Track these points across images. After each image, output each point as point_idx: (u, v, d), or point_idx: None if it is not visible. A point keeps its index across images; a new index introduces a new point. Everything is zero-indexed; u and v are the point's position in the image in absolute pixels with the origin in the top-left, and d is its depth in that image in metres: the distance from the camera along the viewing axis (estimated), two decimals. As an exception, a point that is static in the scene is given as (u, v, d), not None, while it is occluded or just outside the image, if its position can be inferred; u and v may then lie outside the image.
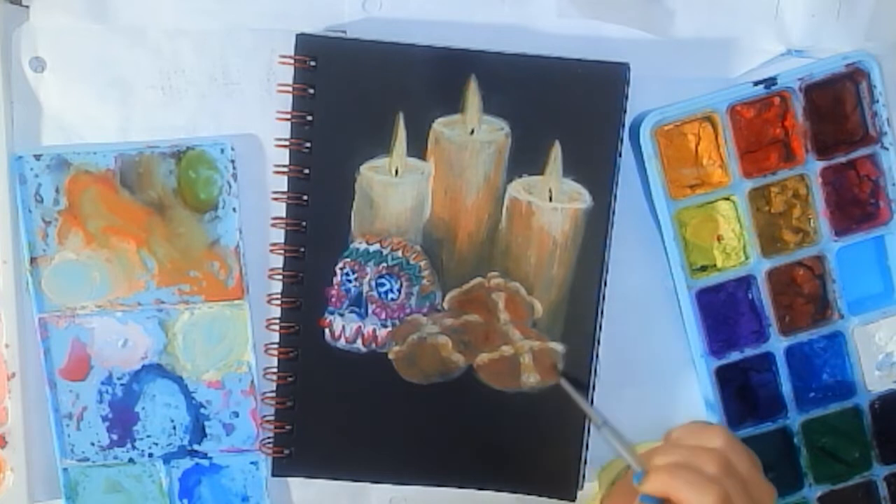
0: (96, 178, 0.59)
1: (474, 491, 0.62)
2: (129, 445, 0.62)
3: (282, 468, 0.62)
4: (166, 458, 0.62)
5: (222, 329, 0.61)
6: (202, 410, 0.62)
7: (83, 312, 0.60)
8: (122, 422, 0.62)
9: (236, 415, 0.62)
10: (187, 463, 0.62)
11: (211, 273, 0.60)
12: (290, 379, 0.61)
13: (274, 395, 0.61)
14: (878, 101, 0.60)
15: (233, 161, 0.60)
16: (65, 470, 0.62)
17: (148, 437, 0.62)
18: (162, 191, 0.60)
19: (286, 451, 0.61)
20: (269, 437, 0.61)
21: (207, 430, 0.62)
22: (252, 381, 0.61)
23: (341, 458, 0.61)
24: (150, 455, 0.62)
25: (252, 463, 0.62)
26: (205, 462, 0.62)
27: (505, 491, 0.62)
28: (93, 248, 0.60)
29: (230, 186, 0.60)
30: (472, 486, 0.62)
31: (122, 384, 0.61)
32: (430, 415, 0.61)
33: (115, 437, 0.62)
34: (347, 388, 0.60)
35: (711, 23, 0.60)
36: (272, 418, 0.61)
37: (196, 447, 0.62)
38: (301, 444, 0.61)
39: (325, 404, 0.61)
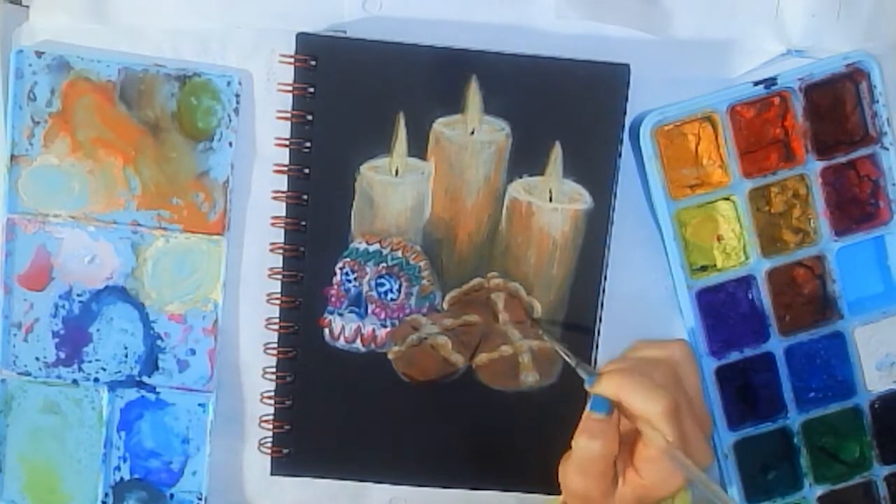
0: (96, 86, 0.58)
1: (473, 491, 0.62)
2: (75, 366, 0.60)
3: (280, 467, 0.62)
4: (112, 386, 0.60)
5: (195, 262, 0.60)
6: (158, 342, 0.60)
7: (55, 221, 0.59)
8: (73, 341, 0.60)
9: (193, 352, 0.60)
10: (133, 394, 0.61)
11: (194, 204, 0.59)
12: (289, 378, 0.61)
13: (273, 394, 0.61)
14: (878, 101, 0.60)
15: (237, 95, 0.59)
16: (2, 381, 0.60)
17: (97, 360, 0.60)
18: (160, 112, 0.59)
19: (285, 451, 0.61)
20: (267, 437, 0.61)
21: (160, 364, 0.61)
22: (216, 321, 0.60)
23: (340, 457, 0.61)
24: (96, 380, 0.60)
25: (200, 405, 0.61)
26: (151, 396, 0.61)
27: (504, 490, 0.62)
28: (77, 158, 0.59)
29: (230, 120, 0.59)
30: (471, 485, 0.62)
31: (80, 301, 0.60)
32: (430, 415, 0.61)
33: (62, 355, 0.60)
34: (347, 387, 0.60)
35: (711, 23, 0.60)
36: (271, 418, 0.61)
37: (145, 379, 0.61)
38: (300, 444, 0.61)
39: (325, 404, 0.61)
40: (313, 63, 0.58)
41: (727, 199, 0.61)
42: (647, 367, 0.53)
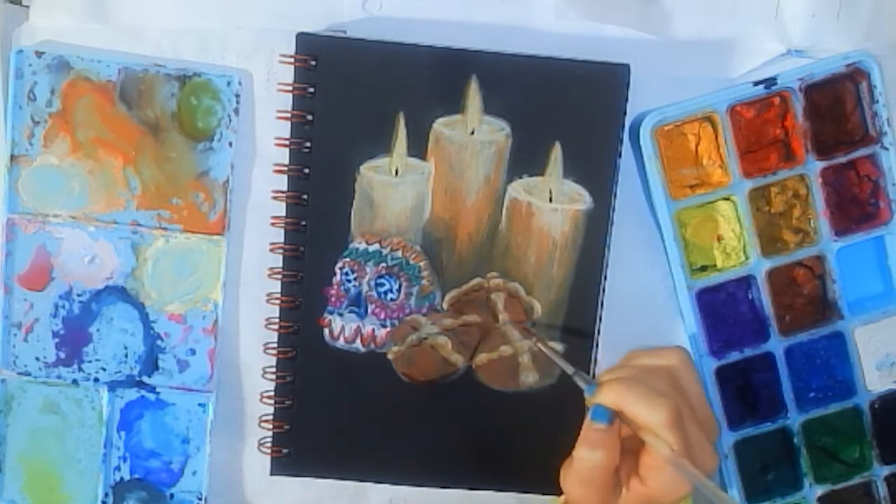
0: (96, 86, 0.58)
1: (473, 491, 0.62)
2: (75, 366, 0.60)
3: (280, 467, 0.62)
4: (112, 386, 0.61)
5: (195, 262, 0.60)
6: (158, 342, 0.60)
7: (55, 221, 0.59)
8: (74, 341, 0.60)
9: (193, 352, 0.61)
10: (133, 394, 0.61)
11: (194, 204, 0.60)
12: (288, 378, 0.61)
13: (273, 394, 0.61)
14: (878, 101, 0.60)
15: (237, 95, 0.59)
16: (2, 381, 0.60)
17: (97, 360, 0.60)
18: (160, 112, 0.59)
19: (285, 451, 0.61)
20: (267, 437, 0.61)
21: (160, 364, 0.61)
22: (215, 321, 0.60)
23: (340, 457, 0.61)
24: (96, 380, 0.61)
25: (200, 405, 0.61)
26: (151, 396, 0.61)
27: (504, 490, 0.62)
28: (77, 158, 0.59)
29: (230, 120, 0.59)
30: (471, 485, 0.62)
31: (80, 301, 0.60)
32: (429, 415, 0.61)
33: (62, 355, 0.60)
34: (346, 387, 0.60)
35: (711, 23, 0.60)
36: (271, 417, 0.61)
37: (145, 379, 0.61)
38: (299, 444, 0.61)
39: (324, 404, 0.61)
40: (313, 63, 0.58)
41: (727, 199, 0.61)
42: (647, 375, 0.53)
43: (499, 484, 0.62)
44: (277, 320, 0.60)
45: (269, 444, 0.62)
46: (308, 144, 0.59)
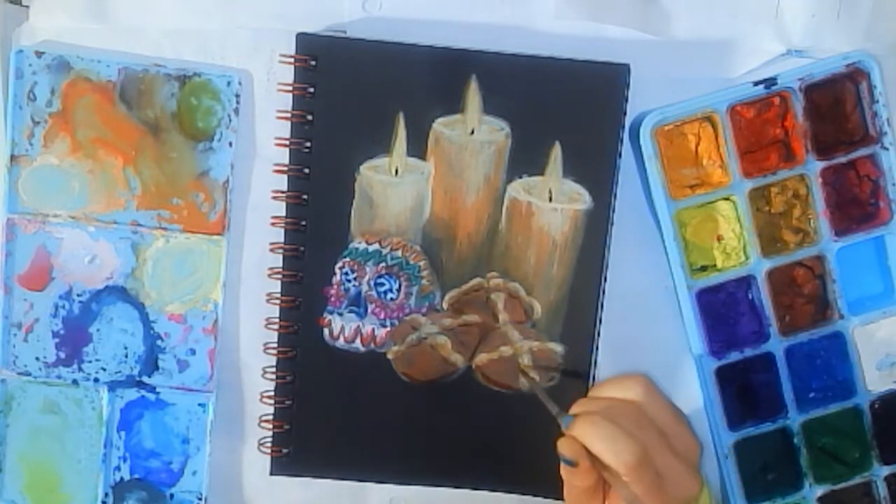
0: (96, 86, 0.58)
1: (473, 491, 0.62)
2: (75, 366, 0.60)
3: (280, 467, 0.62)
4: (112, 386, 0.61)
5: (195, 262, 0.60)
6: (158, 342, 0.61)
7: (55, 221, 0.59)
8: (73, 341, 0.60)
9: (193, 352, 0.61)
10: (133, 394, 0.61)
11: (194, 204, 0.60)
12: (288, 378, 0.61)
13: (273, 394, 0.61)
14: (878, 101, 0.60)
15: (237, 95, 0.59)
16: (2, 381, 0.60)
17: (97, 360, 0.60)
18: (160, 112, 0.59)
19: (285, 451, 0.61)
20: (267, 437, 0.61)
21: (160, 364, 0.61)
22: (216, 321, 0.60)
23: (340, 457, 0.61)
24: (96, 380, 0.61)
25: (200, 405, 0.61)
26: (151, 396, 0.61)
27: (503, 491, 0.62)
28: (77, 158, 0.59)
29: (230, 120, 0.59)
30: (471, 485, 0.62)
31: (80, 301, 0.60)
32: (429, 415, 0.61)
33: (62, 355, 0.60)
34: (346, 387, 0.60)
35: (711, 23, 0.60)
36: (271, 417, 0.61)
37: (145, 379, 0.61)
38: (299, 444, 0.61)
39: (324, 404, 0.61)
40: (313, 63, 0.58)
41: (727, 199, 0.61)
42: (614, 409, 0.53)
43: (498, 484, 0.62)
44: (277, 320, 0.60)
45: (269, 444, 0.62)
46: (308, 144, 0.59)
